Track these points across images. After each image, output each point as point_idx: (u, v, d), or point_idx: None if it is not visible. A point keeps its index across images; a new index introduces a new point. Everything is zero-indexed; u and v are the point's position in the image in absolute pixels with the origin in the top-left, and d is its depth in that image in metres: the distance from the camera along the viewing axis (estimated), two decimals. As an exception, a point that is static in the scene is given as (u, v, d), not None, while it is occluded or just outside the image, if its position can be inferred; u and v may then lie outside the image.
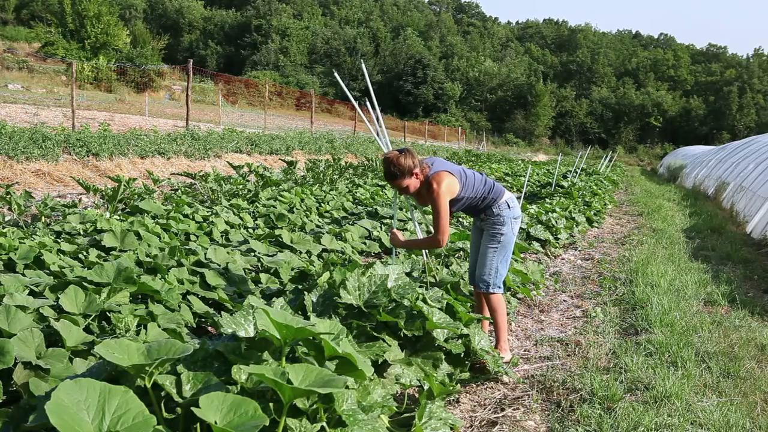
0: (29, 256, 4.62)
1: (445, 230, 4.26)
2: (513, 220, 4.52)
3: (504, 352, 4.54)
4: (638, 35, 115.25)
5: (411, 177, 4.25)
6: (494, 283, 4.50)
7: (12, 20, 66.36)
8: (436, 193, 4.22)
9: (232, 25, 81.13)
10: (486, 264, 4.50)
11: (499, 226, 4.47)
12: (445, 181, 4.25)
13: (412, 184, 4.29)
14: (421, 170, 4.30)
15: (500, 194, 4.50)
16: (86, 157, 12.28)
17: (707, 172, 22.68)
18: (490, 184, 4.51)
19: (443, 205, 4.24)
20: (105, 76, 38.87)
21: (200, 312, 4.23)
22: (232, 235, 6.75)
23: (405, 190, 4.34)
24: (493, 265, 4.48)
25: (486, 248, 4.51)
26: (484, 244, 4.53)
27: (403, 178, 4.23)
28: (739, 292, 6.71)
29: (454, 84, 74.53)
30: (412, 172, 4.24)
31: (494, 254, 4.48)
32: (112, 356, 2.36)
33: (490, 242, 4.49)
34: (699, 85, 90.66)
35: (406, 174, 4.22)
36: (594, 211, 12.30)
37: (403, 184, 4.28)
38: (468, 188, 4.39)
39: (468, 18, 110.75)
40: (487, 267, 4.49)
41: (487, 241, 4.50)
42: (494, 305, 4.53)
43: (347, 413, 2.60)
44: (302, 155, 19.22)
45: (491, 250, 4.49)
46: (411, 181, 4.27)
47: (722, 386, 4.13)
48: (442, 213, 4.24)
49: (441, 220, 4.24)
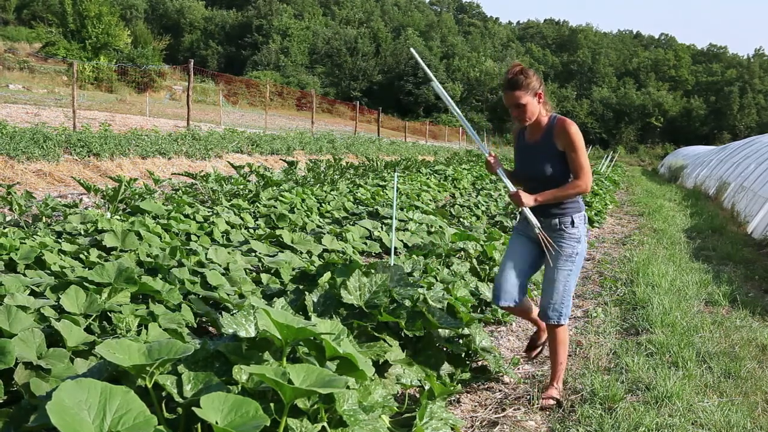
0: (30, 257, 4.63)
1: (589, 175, 3.64)
2: (585, 238, 3.86)
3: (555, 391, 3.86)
4: (639, 35, 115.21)
5: (534, 97, 3.63)
6: (565, 314, 3.80)
7: (13, 20, 66.43)
8: (575, 131, 3.61)
9: (233, 26, 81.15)
10: (557, 291, 3.77)
11: (575, 242, 3.75)
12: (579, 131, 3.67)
13: (531, 106, 3.64)
14: (545, 102, 3.73)
15: (582, 204, 3.84)
16: (87, 158, 12.29)
17: (708, 172, 22.67)
18: None
19: (583, 146, 3.63)
20: (106, 77, 38.90)
21: (201, 312, 4.23)
22: (233, 236, 6.75)
23: (521, 109, 3.65)
24: (565, 293, 3.77)
25: (558, 272, 3.76)
26: (556, 267, 3.77)
27: (526, 91, 3.59)
28: (740, 293, 6.70)
29: (455, 84, 74.53)
30: (537, 93, 3.63)
31: (568, 278, 3.76)
32: (113, 356, 2.36)
33: (563, 264, 3.75)
34: (700, 85, 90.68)
35: (530, 90, 3.60)
36: (595, 211, 12.30)
37: (523, 100, 3.61)
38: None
39: (469, 18, 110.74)
40: (558, 294, 3.76)
41: (560, 263, 3.75)
42: (561, 338, 3.87)
43: (348, 413, 2.60)
44: (303, 155, 19.23)
45: (565, 274, 3.76)
46: (532, 102, 3.63)
47: (723, 386, 4.13)
48: (584, 156, 3.63)
49: (585, 164, 3.61)
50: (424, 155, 29.11)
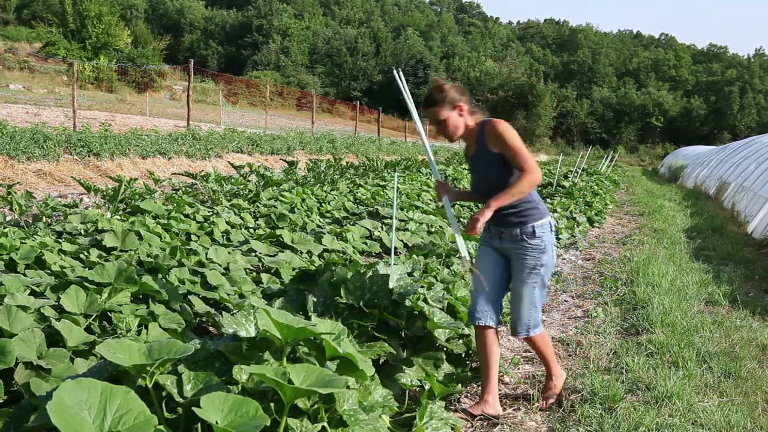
0: (30, 256, 4.63)
1: (536, 164, 3.41)
2: (553, 248, 3.60)
3: (556, 389, 3.81)
4: (639, 35, 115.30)
5: (453, 110, 3.54)
6: (534, 325, 3.61)
7: (13, 20, 66.44)
8: (504, 128, 3.45)
9: (233, 25, 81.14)
10: (524, 305, 3.58)
11: (539, 254, 3.51)
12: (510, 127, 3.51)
13: (453, 120, 3.55)
14: (471, 112, 3.60)
15: (545, 210, 3.61)
16: (87, 157, 12.29)
17: (708, 172, 22.66)
18: (535, 190, 3.61)
19: (518, 141, 3.42)
20: (106, 76, 38.92)
21: (201, 312, 4.23)
22: (233, 235, 6.75)
23: (442, 125, 3.59)
24: (532, 306, 3.58)
25: (523, 286, 3.55)
26: (520, 280, 3.57)
27: (442, 107, 3.52)
28: (740, 292, 6.70)
29: (455, 84, 74.52)
30: (455, 105, 3.54)
31: (533, 291, 3.56)
32: (113, 356, 2.36)
33: (528, 277, 3.53)
34: (700, 85, 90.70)
35: (446, 104, 3.52)
36: (595, 211, 12.30)
37: (441, 116, 3.54)
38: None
39: (469, 18, 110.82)
40: (525, 308, 3.58)
41: (523, 275, 3.54)
42: (538, 345, 3.72)
43: (348, 413, 2.60)
44: (303, 155, 19.23)
45: (530, 288, 3.55)
46: (452, 116, 3.54)
47: (723, 386, 4.13)
48: (522, 149, 3.41)
49: (526, 156, 3.41)
50: (424, 155, 29.08)
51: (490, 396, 3.62)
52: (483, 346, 3.63)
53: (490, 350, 3.61)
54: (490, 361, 3.62)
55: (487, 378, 3.62)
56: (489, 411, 3.59)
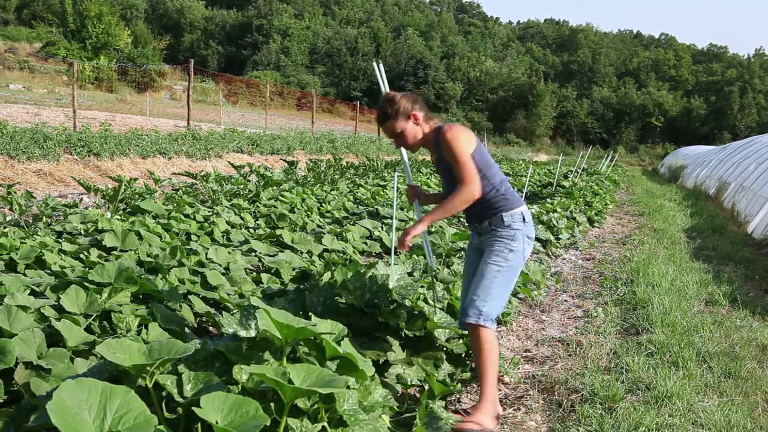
0: (30, 256, 4.63)
1: (475, 177, 3.30)
2: (527, 240, 3.49)
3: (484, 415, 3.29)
4: (639, 35, 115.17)
5: (408, 120, 3.46)
6: (486, 313, 3.34)
7: (13, 20, 66.42)
8: (451, 137, 3.34)
9: (234, 25, 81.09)
10: (481, 285, 3.38)
11: (509, 240, 3.43)
12: (462, 128, 3.42)
13: (410, 131, 3.48)
14: (426, 119, 3.52)
15: (517, 201, 3.52)
16: (87, 157, 12.29)
17: (708, 172, 22.66)
18: (507, 182, 3.57)
19: (463, 150, 3.32)
20: (106, 76, 38.95)
21: (201, 312, 4.23)
22: (233, 235, 6.75)
23: (400, 138, 3.51)
24: (490, 289, 3.36)
25: (486, 265, 3.42)
26: (483, 261, 3.45)
27: (396, 119, 3.44)
28: (740, 292, 6.70)
29: (455, 84, 74.46)
30: (410, 115, 3.45)
31: (496, 274, 3.38)
32: (113, 356, 2.36)
33: (494, 258, 3.42)
34: (700, 85, 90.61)
35: (400, 116, 3.44)
36: (595, 211, 12.30)
37: (397, 128, 3.46)
38: (481, 156, 3.45)
39: (469, 18, 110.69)
40: (482, 289, 3.36)
41: (490, 257, 3.43)
42: (481, 343, 3.36)
43: (348, 413, 2.60)
44: (303, 155, 19.23)
45: (493, 269, 3.40)
46: (408, 126, 3.47)
47: (723, 386, 4.13)
48: (464, 160, 3.30)
49: (467, 168, 3.30)
50: (424, 155, 29.10)
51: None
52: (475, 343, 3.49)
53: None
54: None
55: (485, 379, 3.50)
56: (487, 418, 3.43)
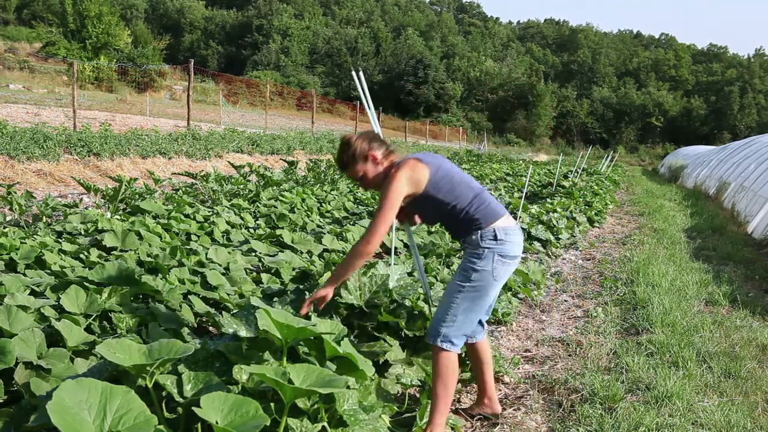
0: (30, 256, 4.63)
1: (377, 233, 3.13)
2: (499, 259, 3.22)
3: None
4: (639, 35, 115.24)
5: (367, 162, 3.30)
6: (446, 335, 3.21)
7: (13, 20, 66.43)
8: (389, 180, 3.18)
9: (233, 25, 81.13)
10: (442, 305, 3.28)
11: (475, 259, 3.22)
12: (407, 167, 3.20)
13: (371, 172, 3.31)
14: (386, 155, 3.34)
15: (490, 217, 3.25)
16: (87, 157, 12.29)
17: (708, 172, 22.67)
18: (481, 200, 3.28)
19: (392, 193, 3.14)
20: (106, 76, 38.92)
21: (201, 312, 4.23)
22: (233, 235, 6.75)
23: (363, 180, 3.36)
24: (450, 310, 3.21)
25: (451, 286, 3.28)
26: (451, 282, 3.32)
27: (355, 163, 3.30)
28: (740, 292, 6.70)
29: (455, 84, 74.46)
30: (367, 155, 3.29)
31: (457, 295, 3.22)
32: (113, 356, 2.36)
33: (458, 278, 3.26)
34: (700, 85, 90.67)
35: (358, 159, 3.29)
36: (595, 211, 12.30)
37: (358, 172, 3.32)
38: (439, 188, 3.24)
39: (469, 18, 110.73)
40: (444, 310, 3.24)
41: (456, 277, 3.28)
42: (437, 367, 3.22)
43: (348, 413, 2.60)
44: (303, 155, 19.23)
45: (454, 288, 3.24)
46: (368, 168, 3.31)
47: (723, 386, 4.13)
48: (384, 208, 3.14)
49: (379, 218, 3.13)
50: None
51: (486, 397, 3.61)
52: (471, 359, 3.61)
53: (474, 358, 3.57)
54: (476, 366, 3.60)
55: (482, 381, 3.61)
56: (487, 411, 3.61)
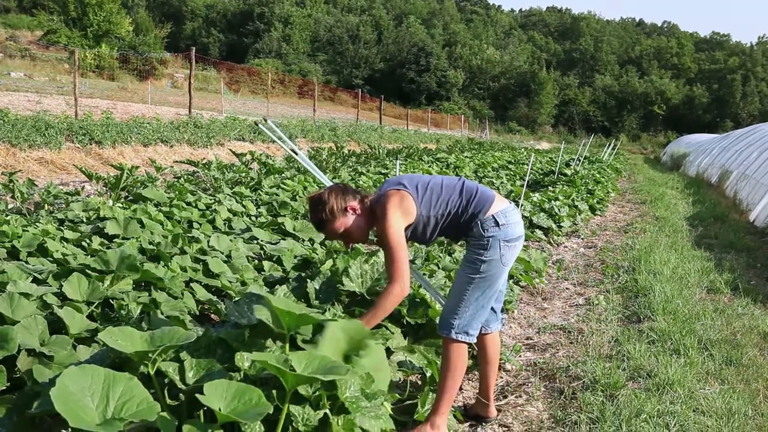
0: (32, 244, 4.64)
1: (404, 273, 2.96)
2: (505, 244, 3.10)
3: (428, 427, 3.12)
4: (642, 23, 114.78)
5: (346, 215, 3.10)
6: (458, 326, 3.09)
7: (14, 8, 66.22)
8: (383, 221, 3.02)
9: (235, 13, 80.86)
10: (452, 297, 3.14)
11: (482, 251, 3.08)
12: (392, 201, 3.05)
13: (354, 224, 3.13)
14: (361, 201, 3.17)
15: (484, 205, 3.12)
16: (89, 145, 12.28)
17: (710, 160, 22.61)
18: (469, 191, 3.16)
19: (394, 236, 2.99)
20: (107, 64, 38.81)
21: (203, 299, 4.24)
22: (234, 223, 6.75)
23: (347, 237, 3.18)
24: (462, 301, 3.08)
25: (460, 277, 3.14)
26: (459, 271, 3.17)
27: (333, 219, 3.08)
28: (741, 280, 6.70)
29: (457, 72, 74.29)
30: (346, 207, 3.09)
31: (470, 288, 3.08)
32: (115, 343, 2.37)
33: (466, 270, 3.11)
34: (702, 73, 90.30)
35: (336, 214, 3.07)
36: (597, 199, 12.28)
37: (338, 229, 3.11)
38: (431, 204, 3.13)
39: (471, 6, 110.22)
40: (454, 303, 3.11)
41: (463, 269, 3.13)
42: (447, 357, 3.13)
43: (350, 400, 2.61)
44: (305, 143, 19.19)
45: (463, 280, 3.11)
46: (347, 220, 3.11)
47: (725, 374, 4.13)
48: (394, 249, 2.98)
49: (396, 259, 2.98)
50: (426, 143, 29.08)
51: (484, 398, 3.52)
52: (479, 351, 3.49)
53: (481, 353, 3.48)
54: (480, 362, 3.51)
55: (482, 381, 3.53)
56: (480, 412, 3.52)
